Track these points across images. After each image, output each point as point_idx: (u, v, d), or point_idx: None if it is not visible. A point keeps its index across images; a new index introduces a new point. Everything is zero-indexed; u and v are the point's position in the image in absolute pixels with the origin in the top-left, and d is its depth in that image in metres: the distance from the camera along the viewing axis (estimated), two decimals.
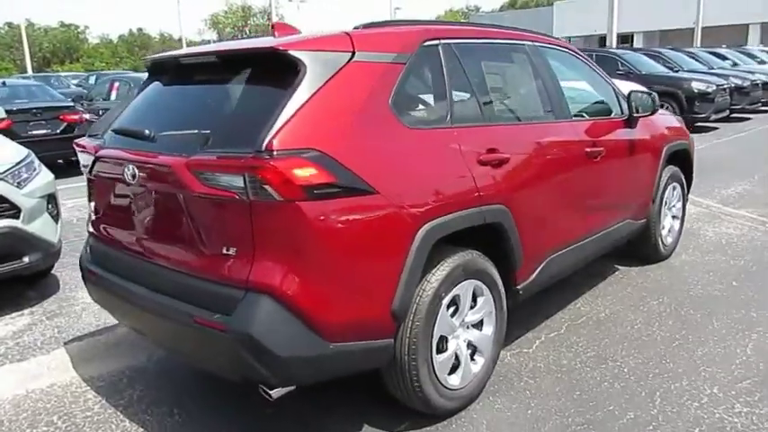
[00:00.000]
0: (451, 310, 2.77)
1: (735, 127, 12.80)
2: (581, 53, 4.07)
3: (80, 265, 3.19)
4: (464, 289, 2.80)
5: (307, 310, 2.27)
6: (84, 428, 2.86)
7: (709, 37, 29.85)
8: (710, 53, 16.89)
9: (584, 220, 3.71)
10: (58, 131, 9.64)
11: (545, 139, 3.34)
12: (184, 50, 2.96)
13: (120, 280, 2.81)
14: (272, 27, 2.90)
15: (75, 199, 7.53)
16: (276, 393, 2.42)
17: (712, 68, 14.72)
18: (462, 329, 2.88)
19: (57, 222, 4.58)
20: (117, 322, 3.90)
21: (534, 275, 3.28)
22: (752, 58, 18.45)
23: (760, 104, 14.37)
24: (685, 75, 12.69)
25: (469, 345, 2.92)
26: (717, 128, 12.54)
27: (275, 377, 2.33)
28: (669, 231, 4.88)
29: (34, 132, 9.38)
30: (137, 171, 2.56)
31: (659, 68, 13.04)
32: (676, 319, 3.81)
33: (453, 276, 2.70)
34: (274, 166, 2.15)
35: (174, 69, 2.97)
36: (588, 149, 3.60)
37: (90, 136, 3.18)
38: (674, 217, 4.96)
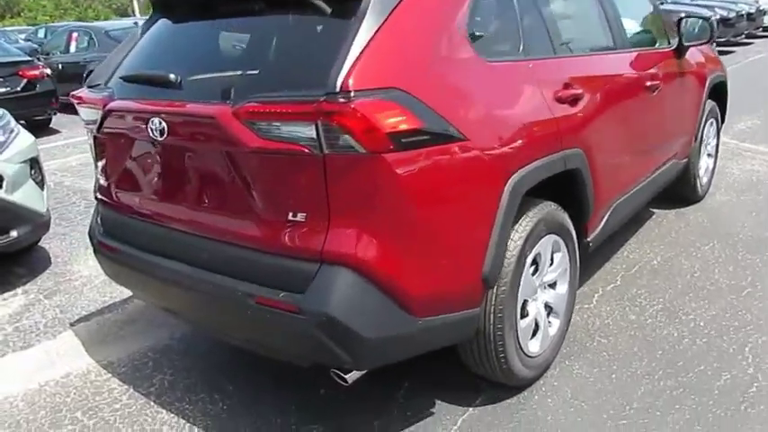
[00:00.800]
0: (532, 269, 2.45)
1: (723, 60, 12.59)
2: None
3: (90, 238, 2.76)
4: (544, 246, 2.48)
5: (394, 282, 1.91)
6: (116, 425, 2.49)
7: None
8: None
9: (643, 161, 3.40)
10: (19, 89, 8.81)
11: (611, 71, 2.99)
12: None
13: (145, 254, 2.40)
14: None
15: (46, 162, 6.90)
16: (352, 377, 2.08)
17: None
18: (540, 290, 2.56)
19: (43, 189, 4.07)
20: (126, 297, 3.53)
21: (602, 225, 2.97)
22: None
23: (744, 36, 14.17)
24: (671, 7, 12.33)
25: (546, 306, 2.62)
26: None
27: (357, 361, 1.99)
28: (705, 171, 4.62)
29: None
30: (165, 125, 2.12)
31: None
32: (736, 265, 3.56)
33: (536, 232, 2.37)
34: (355, 110, 1.74)
35: (191, 2, 2.48)
36: (648, 83, 3.26)
37: (89, 87, 2.69)
38: (708, 155, 4.69)
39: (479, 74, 2.16)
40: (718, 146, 4.85)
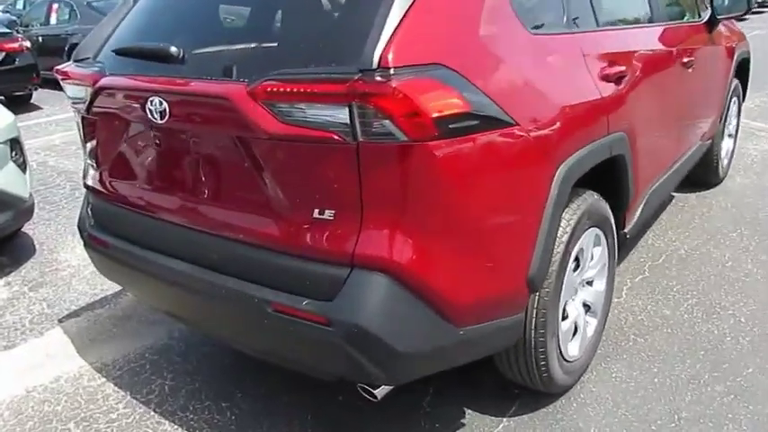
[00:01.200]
0: (572, 265, 2.22)
1: None
2: None
3: (79, 230, 2.49)
4: (587, 240, 2.25)
5: (433, 288, 1.67)
6: None
7: None
8: None
9: (677, 143, 3.18)
10: None
11: (652, 47, 2.74)
12: None
13: (142, 251, 2.13)
14: None
15: (28, 141, 6.54)
16: (381, 393, 1.86)
17: None
18: (580, 288, 2.34)
19: (25, 172, 3.77)
20: (119, 290, 3.26)
21: (638, 214, 2.75)
22: None
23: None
24: None
25: (584, 305, 2.40)
26: None
27: (391, 376, 1.76)
28: (726, 152, 4.41)
29: None
30: (167, 105, 1.84)
31: None
32: None
33: (580, 226, 2.13)
34: (396, 90, 1.48)
35: None
36: (686, 59, 3.01)
37: (76, 61, 2.39)
38: (729, 135, 4.48)
39: (526, 48, 1.90)
40: (738, 126, 4.64)
